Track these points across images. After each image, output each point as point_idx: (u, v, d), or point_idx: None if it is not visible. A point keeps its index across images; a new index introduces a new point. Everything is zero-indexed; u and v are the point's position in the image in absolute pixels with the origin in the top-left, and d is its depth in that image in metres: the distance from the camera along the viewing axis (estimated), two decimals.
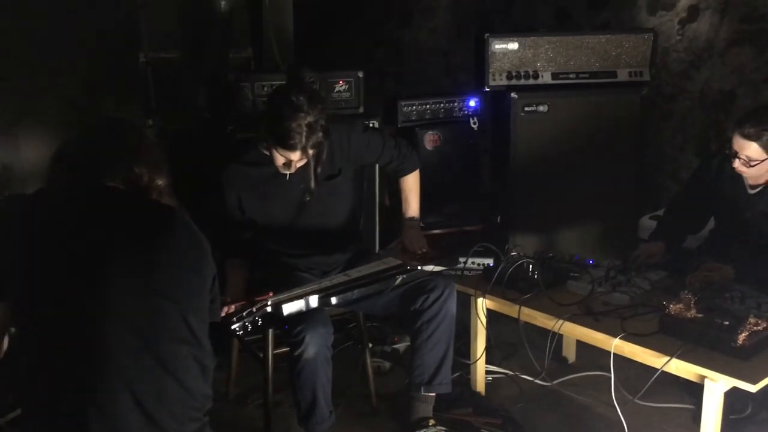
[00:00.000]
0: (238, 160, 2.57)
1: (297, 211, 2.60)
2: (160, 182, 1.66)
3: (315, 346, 2.25)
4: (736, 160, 2.56)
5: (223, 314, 2.24)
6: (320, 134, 2.37)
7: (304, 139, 2.34)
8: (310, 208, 2.59)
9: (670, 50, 3.72)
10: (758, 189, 2.65)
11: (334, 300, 2.36)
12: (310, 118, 2.33)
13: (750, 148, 2.51)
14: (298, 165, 2.43)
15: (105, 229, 1.55)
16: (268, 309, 2.24)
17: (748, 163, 2.53)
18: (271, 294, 2.27)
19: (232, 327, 2.17)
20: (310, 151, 2.39)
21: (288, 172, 2.46)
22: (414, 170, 2.87)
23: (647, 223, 3.44)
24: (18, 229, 1.53)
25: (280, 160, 2.41)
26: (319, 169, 2.49)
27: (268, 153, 2.45)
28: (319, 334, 2.26)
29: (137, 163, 1.63)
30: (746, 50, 3.46)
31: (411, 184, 2.88)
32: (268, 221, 2.61)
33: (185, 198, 1.80)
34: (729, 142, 2.59)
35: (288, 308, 2.27)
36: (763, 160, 2.51)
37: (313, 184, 2.50)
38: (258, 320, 2.22)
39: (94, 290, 1.48)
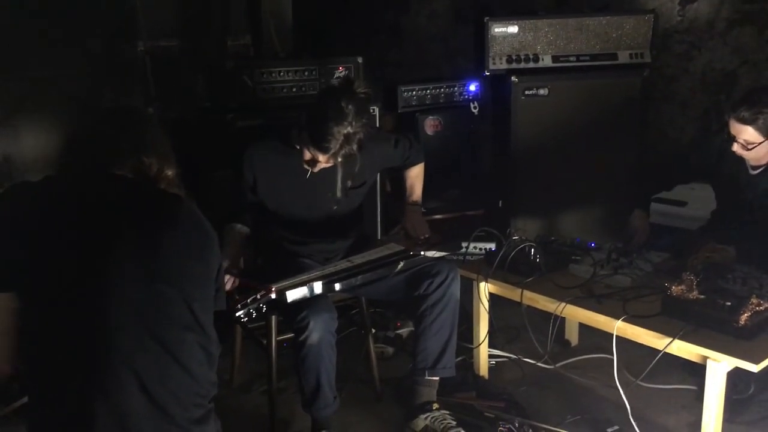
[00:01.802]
0: (263, 143, 2.58)
1: (310, 207, 2.62)
2: (169, 173, 1.66)
3: (319, 331, 2.26)
4: (735, 143, 2.57)
5: (228, 287, 2.26)
6: (354, 147, 2.37)
7: (338, 146, 2.34)
8: (322, 204, 2.61)
9: (671, 31, 3.70)
10: (759, 170, 2.65)
11: (337, 286, 2.37)
12: (350, 129, 2.34)
13: (746, 132, 2.52)
14: (323, 166, 2.45)
15: (110, 216, 1.55)
16: (273, 296, 2.25)
17: (746, 146, 2.55)
18: (271, 287, 2.27)
19: (237, 314, 2.17)
20: (339, 159, 2.39)
21: (310, 170, 2.47)
22: (420, 163, 2.92)
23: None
24: (24, 217, 1.53)
25: (307, 155, 2.43)
26: (349, 183, 2.52)
27: (297, 145, 2.46)
28: (323, 320, 2.27)
29: (147, 153, 1.63)
30: (747, 30, 3.44)
31: (417, 172, 2.93)
32: (278, 209, 2.62)
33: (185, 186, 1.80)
34: (726, 126, 2.59)
35: (292, 295, 2.27)
36: (760, 143, 2.52)
37: (339, 194, 2.53)
38: (262, 307, 2.23)
39: (99, 277, 1.48)
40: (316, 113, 2.38)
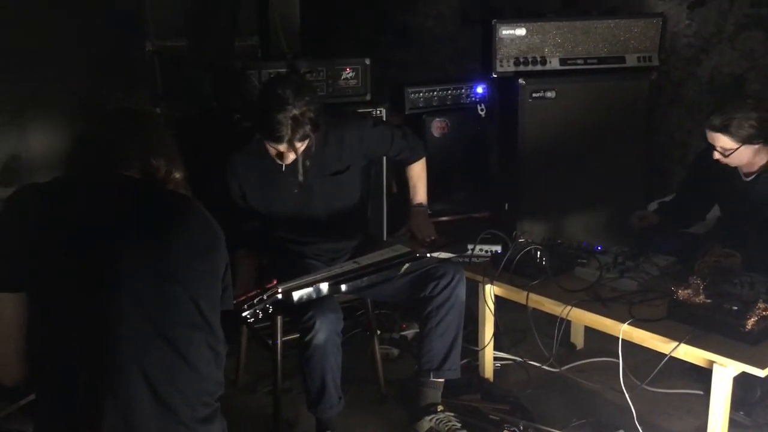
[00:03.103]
0: (241, 150, 2.58)
1: (300, 202, 2.61)
2: (177, 175, 1.67)
3: (325, 332, 2.26)
4: (715, 152, 2.63)
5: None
6: (308, 127, 2.38)
7: (289, 131, 2.35)
8: (315, 199, 2.60)
9: (679, 35, 3.69)
10: (752, 176, 2.67)
11: (344, 287, 2.37)
12: (295, 111, 2.34)
13: (720, 140, 2.58)
14: (291, 157, 2.45)
15: (118, 216, 1.56)
16: (279, 296, 2.25)
17: (724, 153, 2.60)
18: (275, 281, 2.28)
19: (243, 314, 2.18)
20: (298, 144, 2.40)
21: (283, 164, 2.47)
22: (421, 158, 2.89)
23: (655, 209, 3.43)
24: (34, 218, 1.53)
25: (272, 151, 2.44)
26: (308, 162, 2.49)
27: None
28: (329, 320, 2.27)
29: (156, 155, 1.64)
30: (756, 34, 3.43)
31: (418, 171, 2.89)
32: (271, 211, 2.62)
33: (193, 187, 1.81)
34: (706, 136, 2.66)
35: (298, 295, 2.28)
36: (736, 149, 2.56)
37: (300, 177, 2.50)
38: (269, 307, 2.23)
39: (107, 277, 1.49)
40: (257, 109, 2.42)
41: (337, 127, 2.55)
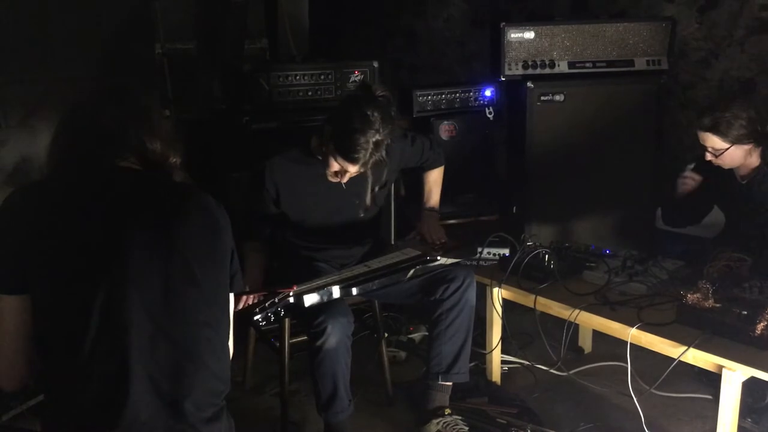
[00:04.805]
0: (284, 154, 2.56)
1: (332, 213, 2.62)
2: (174, 159, 1.60)
3: (336, 335, 2.26)
4: (707, 153, 2.63)
5: (241, 305, 2.26)
6: (383, 153, 2.37)
7: (368, 156, 2.33)
8: (346, 211, 2.60)
9: (689, 38, 3.68)
10: (747, 179, 2.66)
11: (354, 290, 2.38)
12: (378, 137, 2.32)
13: (710, 140, 2.59)
14: (352, 175, 2.43)
15: (120, 213, 1.52)
16: (290, 300, 2.25)
17: (715, 153, 2.60)
18: (294, 287, 2.28)
19: (255, 318, 2.18)
20: (369, 167, 2.39)
21: (338, 180, 2.45)
22: (440, 166, 2.91)
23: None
24: (32, 220, 1.50)
25: (334, 167, 2.40)
26: (377, 188, 2.49)
27: (320, 156, 2.44)
28: (341, 324, 2.27)
29: (151, 138, 1.57)
30: (766, 38, 3.42)
31: (435, 177, 2.93)
32: (300, 218, 2.61)
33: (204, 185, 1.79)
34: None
35: (310, 299, 2.28)
36: (726, 149, 2.56)
37: (368, 201, 2.50)
38: (281, 311, 2.23)
39: (112, 276, 1.47)
40: (341, 125, 2.34)
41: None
